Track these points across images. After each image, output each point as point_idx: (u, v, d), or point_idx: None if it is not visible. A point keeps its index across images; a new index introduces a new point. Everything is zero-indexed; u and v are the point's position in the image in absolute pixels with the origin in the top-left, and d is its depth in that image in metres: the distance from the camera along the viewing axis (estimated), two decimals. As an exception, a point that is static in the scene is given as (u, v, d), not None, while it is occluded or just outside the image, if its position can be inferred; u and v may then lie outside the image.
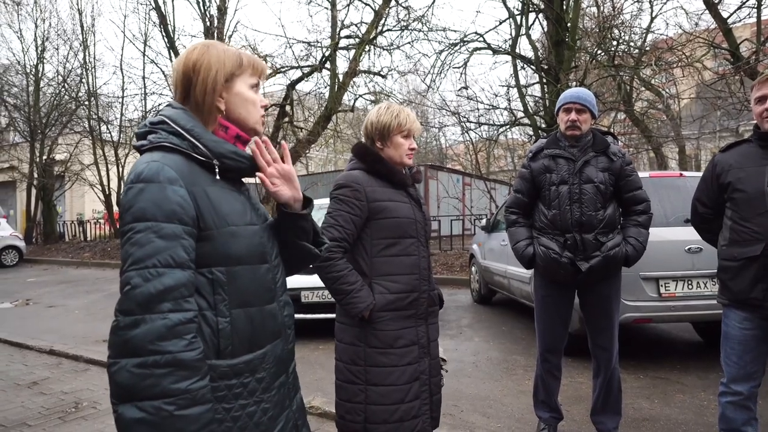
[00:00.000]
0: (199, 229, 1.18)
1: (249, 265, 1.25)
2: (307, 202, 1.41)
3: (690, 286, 4.10)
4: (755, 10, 8.76)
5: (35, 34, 17.90)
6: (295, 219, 1.37)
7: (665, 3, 13.07)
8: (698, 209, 2.54)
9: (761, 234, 2.18)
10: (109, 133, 17.45)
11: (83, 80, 17.43)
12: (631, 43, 10.91)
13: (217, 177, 1.24)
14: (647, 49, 10.90)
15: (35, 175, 17.82)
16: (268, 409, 1.27)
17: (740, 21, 9.40)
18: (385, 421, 1.94)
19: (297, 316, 5.16)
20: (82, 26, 17.36)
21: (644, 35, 11.26)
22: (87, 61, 17.33)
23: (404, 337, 1.99)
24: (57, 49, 18.54)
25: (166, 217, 1.11)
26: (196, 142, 1.22)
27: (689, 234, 3.91)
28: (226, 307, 1.20)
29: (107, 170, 17.28)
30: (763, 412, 3.25)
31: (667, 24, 22.83)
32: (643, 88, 12.99)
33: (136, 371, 1.04)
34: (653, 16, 11.91)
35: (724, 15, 9.01)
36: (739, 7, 9.03)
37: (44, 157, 17.81)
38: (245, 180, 1.41)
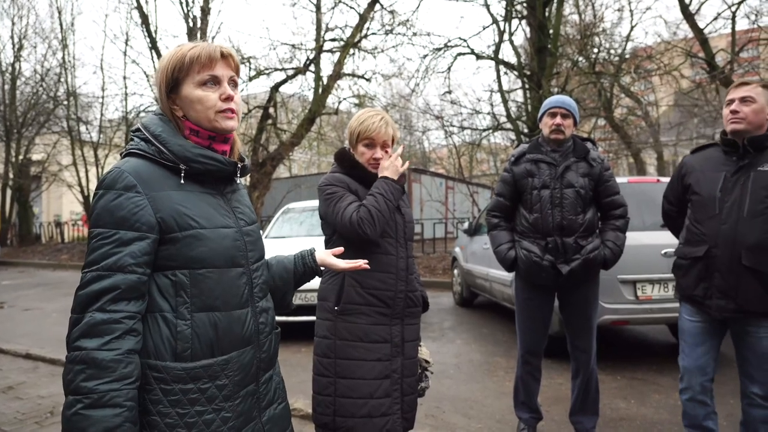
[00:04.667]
0: (162, 232, 1.19)
1: (215, 269, 1.24)
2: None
3: (666, 289, 4.19)
4: (730, 21, 9.00)
5: (12, 31, 17.63)
6: (315, 274, 1.61)
7: (645, 12, 13.37)
8: (665, 206, 2.67)
9: (708, 236, 2.29)
10: (89, 133, 17.16)
11: (62, 79, 17.10)
12: (612, 51, 11.13)
13: (182, 181, 1.24)
14: (627, 56, 11.12)
15: (11, 176, 17.44)
16: (228, 418, 1.24)
17: (716, 31, 9.66)
18: (352, 415, 1.96)
19: (281, 318, 5.15)
20: (61, 24, 17.06)
21: (624, 43, 11.50)
22: (66, 60, 17.03)
23: (376, 332, 2.00)
24: (35, 47, 18.22)
25: (115, 224, 1.16)
26: (162, 147, 1.23)
27: (665, 238, 4.01)
28: (187, 310, 1.20)
29: (86, 171, 16.98)
30: (736, 411, 3.34)
31: (647, 33, 23.35)
32: (622, 95, 13.24)
33: (66, 366, 1.10)
34: (633, 24, 12.22)
35: (701, 25, 9.25)
36: (715, 18, 9.28)
37: (20, 157, 17.43)
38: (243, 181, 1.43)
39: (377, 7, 11.48)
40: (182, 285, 1.20)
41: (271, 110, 12.28)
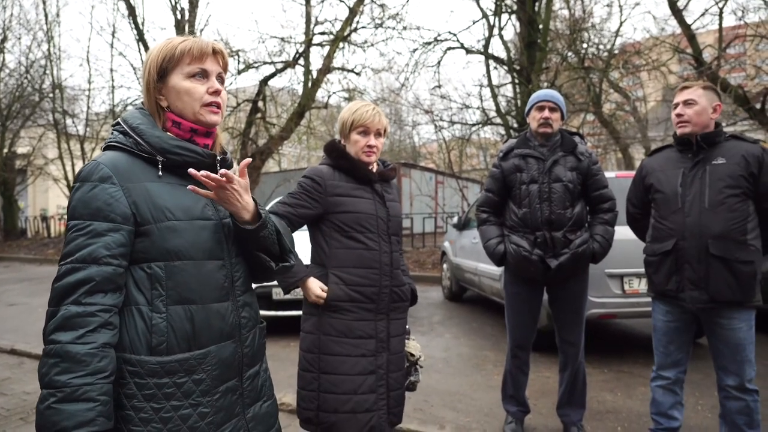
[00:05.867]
0: (138, 225, 1.19)
1: (191, 261, 1.22)
2: (259, 217, 1.32)
3: (653, 283, 4.23)
4: (717, 17, 9.07)
5: (-5, 22, 17.22)
6: (243, 231, 1.30)
7: (633, 8, 13.44)
8: (629, 209, 2.75)
9: (674, 230, 2.38)
10: (75, 126, 16.90)
11: (47, 72, 16.81)
12: (601, 46, 11.17)
13: (160, 173, 1.23)
14: (616, 52, 11.17)
15: (-5, 169, 17.19)
16: (207, 413, 1.22)
17: (703, 27, 9.73)
18: (336, 411, 1.95)
19: (268, 313, 5.13)
20: (46, 16, 16.76)
21: (613, 38, 11.54)
22: (51, 52, 16.73)
23: (360, 328, 2.01)
24: (19, 38, 17.92)
25: (90, 215, 1.15)
26: (139, 139, 1.23)
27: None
28: (162, 302, 1.19)
29: (72, 165, 16.77)
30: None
31: (635, 28, 23.52)
32: (611, 91, 13.31)
33: (41, 360, 1.10)
34: (622, 20, 12.26)
35: (689, 21, 9.31)
36: (702, 14, 9.35)
37: (5, 151, 17.18)
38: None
39: (367, 0, 11.43)
40: (158, 277, 1.19)
41: (260, 104, 12.20)
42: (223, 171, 1.23)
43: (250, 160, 1.35)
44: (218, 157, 1.33)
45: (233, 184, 1.23)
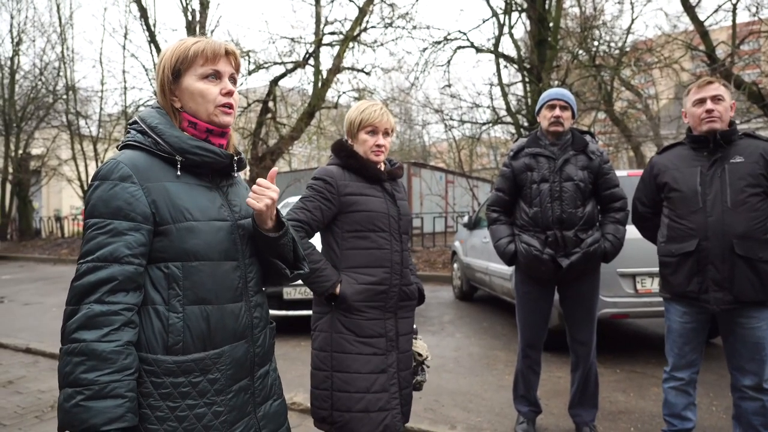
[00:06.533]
0: (156, 224, 1.19)
1: (208, 261, 1.23)
2: (281, 226, 1.35)
3: (666, 283, 4.18)
4: (731, 13, 8.95)
5: (11, 25, 17.50)
6: (264, 238, 1.33)
7: (645, 5, 13.32)
8: (638, 208, 2.69)
9: (695, 230, 2.32)
10: (88, 127, 17.12)
11: (61, 73, 17.07)
12: (612, 44, 11.07)
13: (178, 173, 1.24)
14: (627, 49, 11.07)
15: (10, 170, 17.44)
16: (221, 412, 1.24)
17: (717, 24, 9.61)
18: (349, 410, 1.95)
19: (279, 313, 5.16)
20: (60, 18, 17.00)
21: (625, 36, 11.44)
22: (65, 54, 16.99)
23: (371, 327, 2.01)
24: (33, 41, 18.26)
25: (111, 213, 1.15)
26: (158, 139, 1.23)
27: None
28: (179, 302, 1.20)
29: (86, 165, 16.97)
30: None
31: (647, 25, 23.31)
32: (623, 88, 13.19)
33: (63, 358, 1.10)
34: (634, 17, 12.14)
35: (701, 17, 9.19)
36: (716, 11, 9.23)
37: (20, 152, 17.42)
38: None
39: (377, 0, 11.44)
40: (175, 277, 1.20)
41: (271, 104, 12.26)
42: (275, 169, 1.29)
43: (276, 170, 1.38)
44: (234, 158, 1.34)
45: (271, 190, 1.28)
